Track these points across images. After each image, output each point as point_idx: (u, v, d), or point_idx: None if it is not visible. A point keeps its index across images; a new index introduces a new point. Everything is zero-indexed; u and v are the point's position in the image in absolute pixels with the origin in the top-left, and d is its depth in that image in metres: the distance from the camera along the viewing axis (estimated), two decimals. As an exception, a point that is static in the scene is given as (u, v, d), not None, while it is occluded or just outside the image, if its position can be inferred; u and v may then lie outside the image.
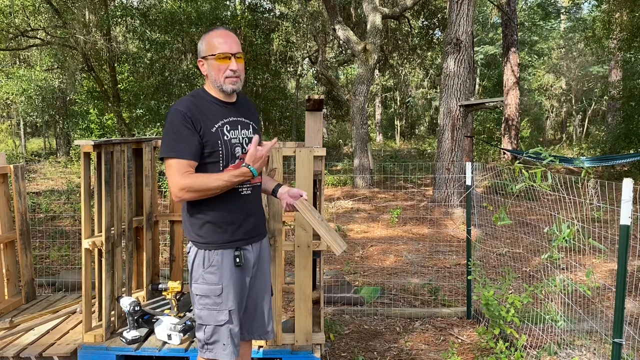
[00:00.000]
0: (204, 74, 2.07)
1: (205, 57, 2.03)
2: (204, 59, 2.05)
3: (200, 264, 2.04)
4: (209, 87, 2.07)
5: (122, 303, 2.83)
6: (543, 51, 26.94)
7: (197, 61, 2.09)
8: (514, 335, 3.13)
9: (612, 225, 6.83)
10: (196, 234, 2.05)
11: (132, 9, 13.85)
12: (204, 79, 2.08)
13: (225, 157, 1.99)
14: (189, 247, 2.10)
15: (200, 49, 2.06)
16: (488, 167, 7.92)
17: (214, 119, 1.99)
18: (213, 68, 2.01)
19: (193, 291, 2.06)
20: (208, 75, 2.04)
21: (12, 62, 18.58)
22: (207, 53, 2.03)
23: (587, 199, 7.80)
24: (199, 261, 2.04)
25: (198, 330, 2.09)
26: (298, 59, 21.20)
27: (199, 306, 2.06)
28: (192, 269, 2.06)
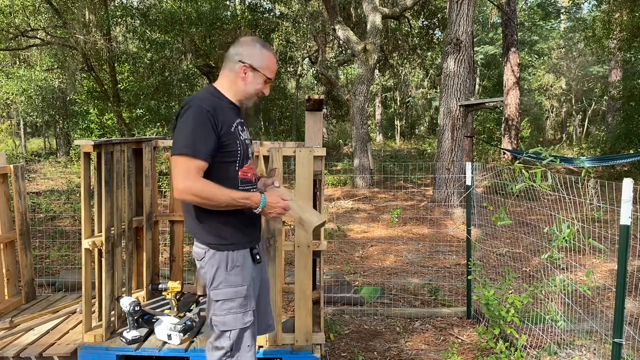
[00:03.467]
0: (238, 76, 2.01)
1: (257, 69, 2.01)
2: (254, 69, 2.00)
3: (223, 267, 1.97)
4: (224, 88, 2.03)
5: (122, 303, 2.83)
6: (543, 51, 26.95)
7: (241, 63, 1.99)
8: (514, 335, 3.13)
9: (612, 225, 6.83)
10: (216, 236, 1.96)
11: (132, 9, 13.85)
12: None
13: (242, 156, 1.99)
14: (203, 252, 1.98)
15: (255, 57, 2.00)
16: (488, 167, 7.92)
17: (231, 119, 1.97)
18: (255, 83, 2.02)
19: (213, 297, 1.97)
20: (242, 81, 2.01)
21: (12, 62, 18.59)
22: (262, 69, 2.01)
23: (587, 199, 7.80)
24: (222, 264, 1.97)
25: (220, 337, 1.98)
26: (298, 59, 21.20)
27: (221, 312, 1.97)
28: (214, 274, 1.96)
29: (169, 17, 13.32)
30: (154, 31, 13.64)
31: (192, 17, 13.41)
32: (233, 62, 2.01)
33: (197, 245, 2.02)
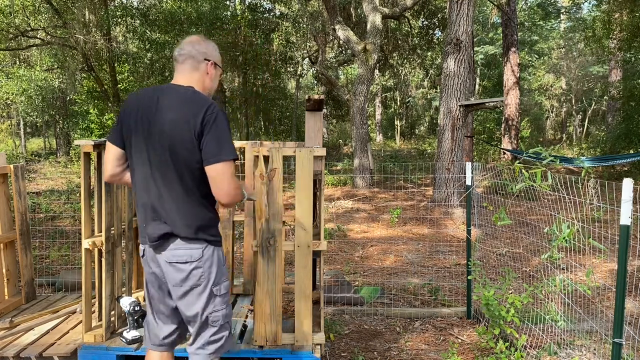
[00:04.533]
0: (206, 75, 2.06)
1: (218, 64, 2.12)
2: (216, 65, 2.11)
3: (221, 262, 2.05)
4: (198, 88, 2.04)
5: (122, 303, 2.83)
6: (543, 51, 26.95)
7: (208, 62, 2.06)
8: (514, 335, 3.13)
9: (612, 225, 6.83)
10: (211, 234, 2.01)
11: (132, 9, 13.85)
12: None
13: None
14: (200, 250, 1.97)
15: (214, 53, 2.10)
16: (488, 167, 7.92)
17: None
18: (216, 78, 2.13)
19: (216, 293, 2.00)
20: (209, 78, 2.08)
21: (12, 62, 18.59)
22: (220, 64, 2.14)
23: (587, 199, 7.80)
24: (220, 260, 2.04)
25: (219, 330, 2.03)
26: (298, 59, 21.21)
27: (223, 305, 2.03)
28: (217, 270, 2.00)
29: (169, 17, 13.33)
30: (154, 31, 13.65)
31: (192, 17, 13.42)
32: (197, 61, 2.03)
33: (188, 246, 1.96)
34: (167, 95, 1.94)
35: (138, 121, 1.95)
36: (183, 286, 1.97)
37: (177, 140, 1.87)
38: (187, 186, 1.93)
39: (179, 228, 1.94)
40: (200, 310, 1.99)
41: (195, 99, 1.91)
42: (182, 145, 1.88)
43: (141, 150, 1.95)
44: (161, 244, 1.97)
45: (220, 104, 15.83)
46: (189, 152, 1.88)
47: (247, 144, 3.59)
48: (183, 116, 1.87)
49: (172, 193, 1.93)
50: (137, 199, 2.02)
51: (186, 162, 1.90)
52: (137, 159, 1.98)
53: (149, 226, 1.97)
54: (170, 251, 1.95)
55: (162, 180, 1.93)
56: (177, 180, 1.92)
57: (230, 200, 1.92)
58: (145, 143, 1.94)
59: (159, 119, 1.90)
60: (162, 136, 1.89)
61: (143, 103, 1.97)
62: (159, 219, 1.95)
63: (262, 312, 2.73)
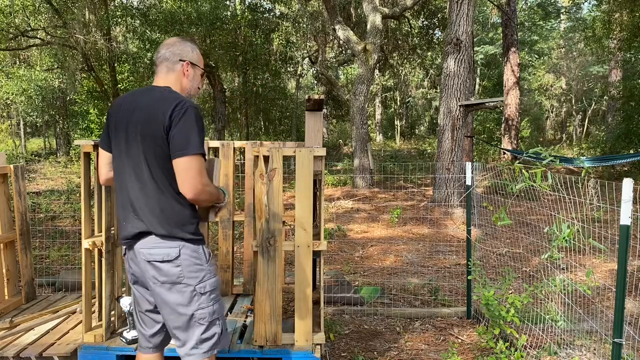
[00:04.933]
0: (183, 76, 2.09)
1: (196, 64, 2.13)
2: (193, 65, 2.12)
3: (204, 259, 2.02)
4: (177, 90, 2.07)
5: (122, 303, 2.83)
6: (543, 51, 26.95)
7: (183, 62, 2.08)
8: (514, 335, 3.13)
9: (612, 225, 6.83)
10: (192, 232, 2.00)
11: (132, 9, 13.86)
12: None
13: None
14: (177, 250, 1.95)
15: (190, 54, 2.11)
16: (488, 167, 7.93)
17: None
18: (195, 78, 2.14)
19: (200, 290, 1.99)
20: (186, 79, 2.10)
21: (12, 62, 18.59)
22: (198, 63, 2.15)
23: (587, 199, 7.80)
24: (202, 257, 2.02)
25: (209, 328, 2.01)
26: (298, 59, 21.21)
27: (209, 302, 2.01)
28: (198, 267, 1.99)
29: (169, 17, 13.33)
30: (154, 31, 13.65)
31: (192, 17, 13.41)
32: (172, 62, 2.07)
33: (164, 244, 1.95)
34: (144, 96, 1.99)
35: (118, 123, 2.00)
36: (163, 285, 1.96)
37: (149, 137, 1.91)
38: (160, 183, 1.94)
39: (154, 226, 1.94)
40: (183, 309, 1.97)
41: (166, 97, 1.95)
42: (153, 142, 1.91)
43: (120, 151, 2.01)
44: (136, 242, 1.99)
45: (220, 104, 15.83)
46: (160, 149, 1.91)
47: (247, 144, 3.59)
48: (154, 113, 1.91)
49: (147, 191, 1.95)
50: (119, 200, 2.05)
51: (157, 158, 1.92)
52: (117, 160, 2.03)
53: (128, 224, 2.00)
54: (147, 249, 1.96)
55: (137, 179, 1.95)
56: (150, 178, 1.93)
57: (195, 195, 1.90)
58: (124, 144, 1.98)
59: (134, 119, 1.95)
60: (137, 135, 1.93)
61: (124, 106, 2.02)
62: (137, 217, 1.97)
63: (262, 312, 2.73)
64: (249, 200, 3.59)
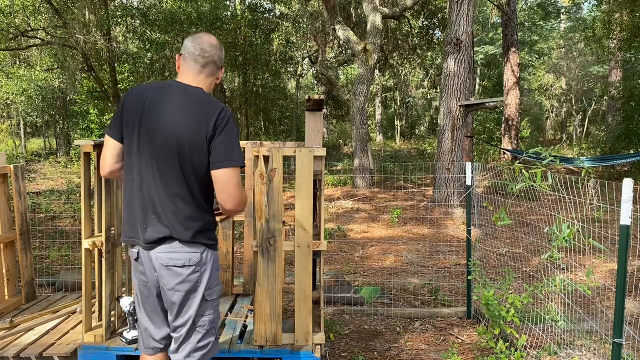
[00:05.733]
0: (215, 80, 2.05)
1: (221, 68, 2.07)
2: (221, 68, 2.08)
3: (216, 266, 2.02)
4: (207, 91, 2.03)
5: (122, 303, 2.83)
6: (543, 51, 26.95)
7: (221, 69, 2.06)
8: (514, 335, 3.13)
9: (612, 225, 6.83)
10: (210, 237, 1.98)
11: (132, 9, 13.86)
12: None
13: None
14: (199, 254, 1.93)
15: (222, 57, 2.06)
16: (488, 167, 7.92)
17: None
18: (216, 81, 2.07)
19: (207, 297, 1.96)
20: (213, 82, 2.05)
21: (12, 62, 18.59)
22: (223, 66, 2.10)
23: (587, 199, 7.80)
24: (215, 264, 2.01)
25: (206, 335, 1.99)
26: (298, 59, 21.21)
27: (212, 310, 2.00)
28: (210, 274, 1.97)
29: (169, 17, 13.33)
30: (154, 31, 13.65)
31: (192, 17, 13.41)
32: (217, 67, 2.02)
33: (186, 249, 1.91)
34: (177, 94, 1.89)
35: (143, 118, 1.88)
36: (179, 290, 1.92)
37: (187, 142, 1.83)
38: (191, 189, 1.88)
39: (179, 231, 1.89)
40: (192, 314, 1.95)
41: (207, 102, 1.89)
42: (191, 147, 1.83)
43: (143, 148, 1.88)
44: (157, 246, 1.92)
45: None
46: (198, 155, 1.84)
47: (247, 144, 3.59)
48: (195, 118, 1.83)
49: (174, 195, 1.87)
50: (132, 197, 1.94)
51: (194, 164, 1.85)
52: (136, 157, 1.90)
53: (149, 228, 1.90)
54: (167, 254, 1.90)
55: (164, 181, 1.87)
56: (181, 182, 1.87)
57: (234, 207, 1.88)
58: (149, 142, 1.86)
59: (168, 119, 1.85)
60: (170, 136, 1.83)
61: (148, 99, 1.89)
62: (159, 220, 1.89)
63: (262, 312, 2.73)
64: (249, 200, 3.59)
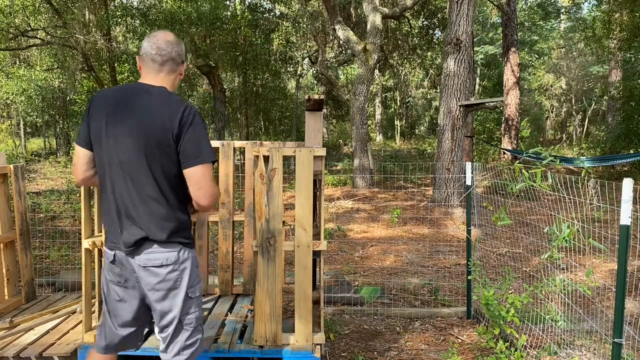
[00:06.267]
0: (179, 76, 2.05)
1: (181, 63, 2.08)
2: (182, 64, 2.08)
3: (195, 263, 2.02)
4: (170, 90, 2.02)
5: (122, 303, 2.83)
6: (543, 51, 26.95)
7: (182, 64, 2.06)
8: (514, 335, 3.13)
9: (612, 225, 6.83)
10: (185, 236, 1.99)
11: (132, 9, 13.85)
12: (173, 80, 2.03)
13: None
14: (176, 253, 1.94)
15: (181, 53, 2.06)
16: (488, 167, 7.92)
17: None
18: (180, 77, 2.08)
19: (191, 295, 1.98)
20: (178, 80, 2.06)
21: (12, 62, 18.59)
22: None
23: (587, 199, 7.80)
24: (194, 262, 2.02)
25: (193, 333, 2.01)
26: (298, 59, 21.21)
27: (197, 307, 2.02)
28: (190, 272, 1.99)
29: (169, 17, 13.32)
30: (154, 31, 13.65)
31: (192, 17, 13.40)
32: (177, 64, 2.01)
33: (163, 249, 1.92)
34: (140, 96, 1.89)
35: (109, 123, 1.88)
36: (159, 290, 1.94)
37: (154, 143, 1.83)
38: (162, 190, 1.89)
39: (154, 232, 1.90)
40: (177, 313, 1.97)
41: (170, 101, 1.89)
42: (159, 148, 1.84)
43: (111, 153, 1.89)
44: (136, 249, 1.93)
45: (220, 104, 15.82)
46: (167, 155, 1.85)
47: (247, 144, 3.59)
48: (159, 118, 1.84)
49: (146, 197, 1.89)
50: (107, 203, 1.96)
51: (163, 165, 1.87)
52: (106, 163, 1.91)
53: (125, 231, 1.92)
54: (145, 255, 1.92)
55: (135, 184, 1.88)
56: (152, 184, 1.87)
57: (210, 202, 1.90)
58: (116, 146, 1.88)
59: (133, 122, 1.85)
60: (136, 139, 1.84)
61: (112, 104, 1.90)
62: (134, 223, 1.91)
63: (262, 312, 2.73)
64: (249, 200, 3.59)
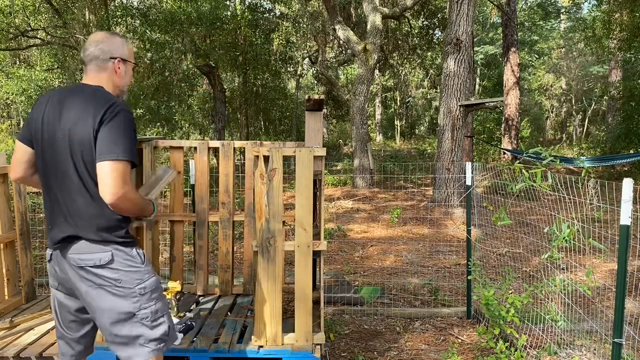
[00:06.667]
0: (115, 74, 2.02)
1: (126, 60, 2.06)
2: (124, 61, 2.04)
3: (139, 261, 1.98)
4: (108, 89, 1.99)
5: (122, 303, 2.83)
6: (543, 51, 26.95)
7: (114, 60, 2.00)
8: (514, 335, 3.13)
9: (612, 225, 6.83)
10: (123, 236, 1.96)
11: (132, 9, 13.85)
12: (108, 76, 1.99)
13: None
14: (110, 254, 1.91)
15: (121, 50, 2.03)
16: (488, 167, 7.92)
17: None
18: (127, 74, 2.08)
19: (140, 292, 1.94)
20: (119, 77, 2.03)
21: (12, 62, 18.59)
22: (129, 58, 2.08)
23: (587, 199, 7.80)
24: (137, 259, 1.98)
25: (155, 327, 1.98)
26: (298, 59, 21.20)
27: (151, 301, 1.97)
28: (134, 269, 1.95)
29: (169, 17, 13.32)
30: (154, 31, 13.64)
31: (192, 17, 13.40)
32: (103, 61, 1.98)
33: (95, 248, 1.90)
34: (74, 95, 1.91)
35: (44, 122, 1.91)
36: (100, 288, 1.91)
37: (77, 140, 1.84)
38: (89, 188, 1.88)
39: (84, 230, 1.90)
40: (124, 310, 1.93)
41: (98, 98, 1.88)
42: (82, 145, 1.84)
43: (45, 151, 1.92)
44: (65, 247, 1.92)
45: (220, 104, 15.82)
46: (89, 153, 1.84)
47: (247, 144, 3.60)
48: (84, 116, 1.84)
49: (76, 195, 1.89)
50: (45, 201, 1.97)
51: (86, 163, 1.86)
52: (42, 161, 1.94)
53: (54, 229, 1.93)
54: (77, 255, 1.90)
55: (65, 182, 1.89)
56: (79, 182, 1.88)
57: (112, 201, 1.80)
58: (49, 144, 1.90)
59: (63, 120, 1.87)
60: (63, 137, 1.86)
61: (48, 103, 1.93)
62: (65, 221, 1.91)
63: (262, 312, 2.73)
64: (249, 200, 3.59)
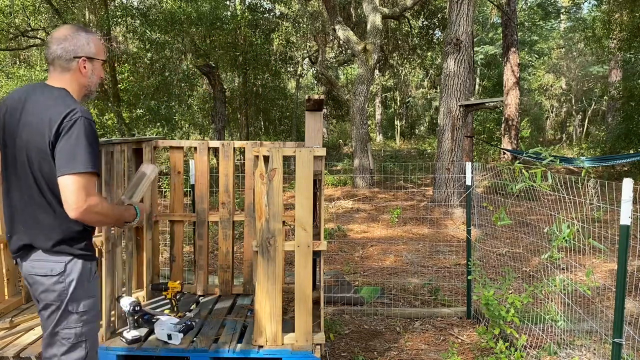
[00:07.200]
0: (80, 74, 1.91)
1: (92, 58, 1.93)
2: (89, 59, 1.92)
3: (86, 277, 1.89)
4: (73, 90, 1.89)
5: (122, 303, 2.83)
6: (543, 51, 26.94)
7: (79, 59, 1.88)
8: (514, 335, 3.13)
9: (612, 225, 6.83)
10: (81, 249, 1.88)
11: (132, 9, 13.85)
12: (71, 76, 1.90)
13: None
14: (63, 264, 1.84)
15: (86, 47, 1.90)
16: (488, 167, 7.92)
17: None
18: (96, 72, 1.96)
19: (71, 310, 1.85)
20: (84, 77, 1.92)
21: (12, 62, 18.58)
22: (96, 56, 1.94)
23: (587, 199, 7.80)
24: (84, 275, 1.88)
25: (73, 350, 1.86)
26: (298, 59, 21.20)
27: (79, 323, 1.88)
28: (76, 285, 1.85)
29: (169, 17, 13.32)
30: (154, 31, 13.64)
31: (192, 17, 13.40)
32: (66, 61, 1.87)
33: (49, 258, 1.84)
34: (34, 97, 1.82)
35: (6, 124, 1.83)
36: (42, 300, 1.86)
37: (34, 149, 1.76)
38: (47, 198, 1.81)
39: (39, 240, 1.84)
40: (51, 325, 1.86)
41: (57, 105, 1.77)
42: (39, 154, 1.76)
43: (7, 156, 1.84)
44: (22, 256, 1.87)
45: (220, 104, 15.82)
46: (47, 163, 1.76)
47: (247, 144, 3.60)
48: (41, 127, 1.75)
49: (34, 204, 1.82)
50: (4, 207, 1.91)
51: (44, 173, 1.78)
52: (4, 166, 1.87)
53: (14, 237, 1.88)
54: (31, 262, 1.85)
55: (24, 191, 1.82)
56: (37, 192, 1.81)
57: (79, 216, 1.72)
58: (10, 149, 1.83)
59: (21, 124, 1.79)
60: (21, 143, 1.78)
61: (10, 104, 1.85)
62: (23, 230, 1.85)
63: (262, 312, 2.73)
64: (249, 200, 3.59)
